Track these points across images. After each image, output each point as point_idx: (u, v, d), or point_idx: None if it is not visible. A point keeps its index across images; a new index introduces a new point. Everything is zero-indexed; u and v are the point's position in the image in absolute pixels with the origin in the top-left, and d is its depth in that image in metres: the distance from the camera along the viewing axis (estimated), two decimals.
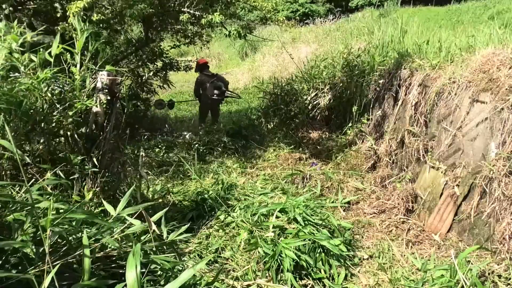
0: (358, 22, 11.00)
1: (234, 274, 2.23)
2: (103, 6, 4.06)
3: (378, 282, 2.44)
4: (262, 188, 3.73)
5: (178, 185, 3.89)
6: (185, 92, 11.23)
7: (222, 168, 4.52)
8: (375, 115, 4.47)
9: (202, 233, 2.75)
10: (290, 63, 6.45)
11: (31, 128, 1.93)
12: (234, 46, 16.56)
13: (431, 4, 19.39)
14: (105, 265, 1.53)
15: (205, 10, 4.13)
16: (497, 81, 2.74)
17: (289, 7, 24.21)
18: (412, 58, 3.92)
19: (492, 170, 2.60)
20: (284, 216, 2.63)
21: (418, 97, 3.59)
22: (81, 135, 2.21)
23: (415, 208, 3.34)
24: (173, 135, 5.90)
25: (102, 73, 2.27)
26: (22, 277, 1.14)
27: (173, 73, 7.25)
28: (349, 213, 3.45)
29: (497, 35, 3.47)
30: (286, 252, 2.25)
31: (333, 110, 5.34)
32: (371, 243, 2.94)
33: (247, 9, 4.57)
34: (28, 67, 1.91)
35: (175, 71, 6.87)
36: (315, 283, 2.31)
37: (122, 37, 6.01)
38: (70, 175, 2.04)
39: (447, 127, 3.15)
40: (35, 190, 1.56)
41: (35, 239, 1.36)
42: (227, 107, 9.17)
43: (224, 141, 5.29)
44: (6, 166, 1.81)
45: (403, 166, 3.77)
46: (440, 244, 2.89)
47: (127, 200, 1.58)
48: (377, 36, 5.32)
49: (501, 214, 2.55)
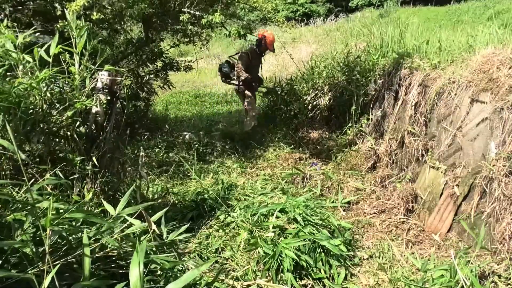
0: (358, 22, 11.00)
1: (234, 274, 2.23)
2: (103, 6, 4.06)
3: (378, 282, 2.44)
4: (262, 188, 3.73)
5: (178, 185, 3.89)
6: (185, 92, 11.23)
7: (222, 168, 4.53)
8: (375, 115, 4.47)
9: (202, 233, 2.75)
10: (290, 63, 6.45)
11: (31, 128, 1.93)
12: (234, 46, 16.56)
13: (431, 4, 19.41)
14: (105, 265, 1.53)
15: (205, 10, 4.13)
16: (497, 81, 2.74)
17: (289, 7, 24.23)
18: (412, 58, 3.92)
19: (492, 170, 2.60)
20: (284, 216, 2.63)
21: (418, 97, 3.59)
22: (81, 135, 2.21)
23: (415, 208, 3.34)
24: (173, 135, 5.90)
25: (102, 73, 2.27)
26: (22, 277, 1.14)
27: (173, 73, 7.24)
28: (349, 213, 3.45)
29: (497, 35, 3.47)
30: (286, 252, 2.25)
31: (333, 110, 5.34)
32: (371, 243, 2.93)
33: (247, 10, 4.57)
34: (26, 66, 1.91)
35: (175, 71, 6.87)
36: (315, 283, 2.30)
37: (122, 37, 6.02)
38: (70, 175, 2.04)
39: (447, 127, 3.15)
40: (35, 190, 1.56)
41: (35, 239, 1.36)
42: (227, 107, 9.17)
43: (224, 142, 5.31)
44: (6, 166, 1.81)
45: (403, 166, 3.77)
46: (440, 244, 2.89)
47: (127, 200, 1.58)
48: (377, 36, 5.32)
49: (501, 214, 2.55)
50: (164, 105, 9.17)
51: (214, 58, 17.15)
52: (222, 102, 9.81)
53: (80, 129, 2.20)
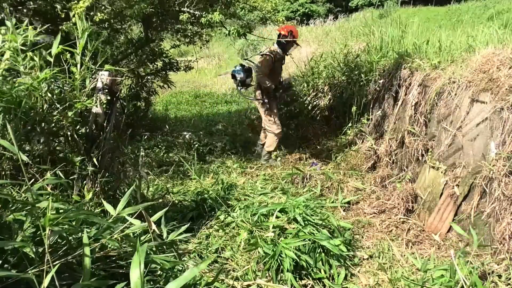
0: (358, 22, 11.00)
1: (234, 274, 2.23)
2: (103, 6, 4.06)
3: (378, 282, 2.44)
4: (262, 188, 3.73)
5: (178, 185, 3.89)
6: (185, 92, 11.23)
7: (222, 168, 4.52)
8: (375, 115, 4.47)
9: (202, 233, 2.75)
10: (290, 63, 6.44)
11: (31, 128, 1.93)
12: (234, 46, 16.56)
13: (431, 4, 19.42)
14: (105, 265, 1.53)
15: (205, 9, 4.12)
16: (497, 81, 2.74)
17: (289, 7, 24.23)
18: (412, 58, 3.92)
19: (492, 170, 2.60)
20: (284, 216, 2.63)
21: (418, 97, 3.59)
22: (81, 135, 2.21)
23: (415, 208, 3.34)
24: (173, 135, 5.90)
25: (102, 73, 2.27)
26: (22, 276, 1.14)
27: (173, 74, 7.24)
28: (349, 213, 3.45)
29: (497, 35, 3.47)
30: (286, 252, 2.25)
31: (333, 110, 5.34)
32: (371, 243, 2.93)
33: (247, 9, 4.57)
34: (28, 67, 1.91)
35: (175, 71, 6.86)
36: (315, 283, 2.30)
37: (122, 37, 6.01)
38: (70, 175, 2.04)
39: (447, 127, 3.15)
40: (35, 190, 1.56)
41: (35, 239, 1.36)
42: (227, 107, 9.17)
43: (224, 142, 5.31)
44: (6, 166, 1.81)
45: (403, 166, 3.77)
46: (440, 244, 2.89)
47: (127, 200, 1.58)
48: (377, 36, 5.32)
49: (501, 214, 2.55)
50: (164, 105, 9.17)
51: (214, 58, 17.16)
52: (222, 102, 9.82)
53: (80, 129, 2.20)
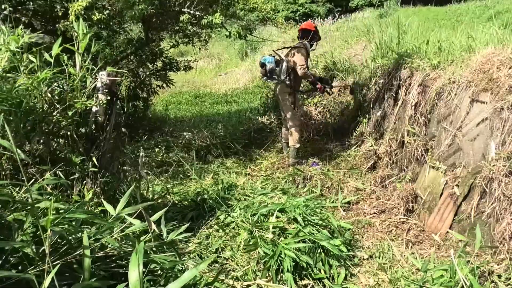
0: (358, 22, 11.00)
1: (234, 274, 2.23)
2: (103, 6, 4.06)
3: (378, 282, 2.44)
4: (262, 188, 3.73)
5: (178, 185, 3.89)
6: (185, 92, 11.23)
7: (222, 168, 4.52)
8: (375, 115, 4.47)
9: (202, 233, 2.75)
10: None
11: (31, 128, 1.93)
12: (234, 46, 16.57)
13: (431, 4, 19.41)
14: (105, 265, 1.53)
15: (205, 10, 4.13)
16: (497, 81, 2.74)
17: (289, 7, 24.21)
18: (412, 58, 3.92)
19: (492, 170, 2.60)
20: (284, 216, 2.63)
21: (418, 97, 3.59)
22: (81, 135, 2.21)
23: (415, 208, 3.34)
24: (173, 135, 5.90)
25: (102, 73, 2.27)
26: (22, 277, 1.14)
27: (173, 74, 7.24)
28: (349, 213, 3.45)
29: (497, 35, 3.47)
30: (286, 252, 2.25)
31: (333, 110, 5.34)
32: (371, 243, 2.93)
33: (247, 10, 4.57)
34: (28, 67, 1.91)
35: (174, 72, 6.86)
36: (315, 283, 2.30)
37: (121, 37, 6.01)
38: (70, 175, 2.04)
39: (447, 127, 3.15)
40: (35, 190, 1.56)
41: (35, 239, 1.36)
42: (227, 107, 9.17)
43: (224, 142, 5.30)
44: (6, 166, 1.81)
45: (403, 166, 3.77)
46: (440, 244, 2.89)
47: (127, 200, 1.58)
48: (377, 36, 5.32)
49: (501, 214, 2.55)
50: (164, 105, 9.17)
51: (214, 58, 17.17)
52: (222, 102, 9.82)
53: (80, 129, 2.20)
